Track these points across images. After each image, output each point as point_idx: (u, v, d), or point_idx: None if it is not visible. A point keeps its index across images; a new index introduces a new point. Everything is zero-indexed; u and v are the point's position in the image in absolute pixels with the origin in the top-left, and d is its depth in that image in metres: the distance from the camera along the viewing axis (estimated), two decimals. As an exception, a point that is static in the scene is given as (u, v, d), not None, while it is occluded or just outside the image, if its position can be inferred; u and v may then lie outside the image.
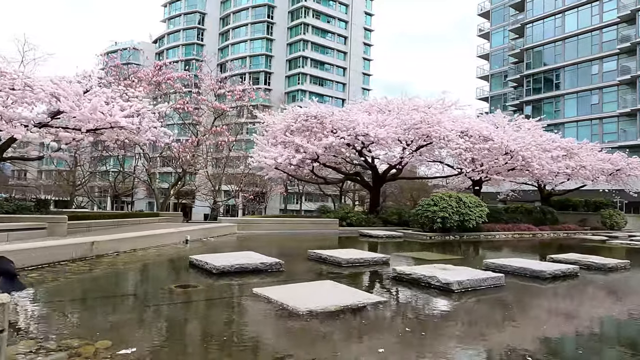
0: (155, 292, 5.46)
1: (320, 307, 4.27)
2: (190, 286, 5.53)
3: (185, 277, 6.35)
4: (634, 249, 14.71)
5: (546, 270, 6.97)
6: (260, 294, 4.82)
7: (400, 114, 18.01)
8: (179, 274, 6.93)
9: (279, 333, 3.79)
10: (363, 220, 18.72)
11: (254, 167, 17.57)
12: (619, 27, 38.72)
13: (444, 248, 12.74)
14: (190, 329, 3.88)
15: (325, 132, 16.55)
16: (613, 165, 25.39)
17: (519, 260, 8.04)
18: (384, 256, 8.16)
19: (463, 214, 15.85)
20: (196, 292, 5.25)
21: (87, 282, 5.83)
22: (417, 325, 4.13)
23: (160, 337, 3.54)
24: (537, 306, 5.35)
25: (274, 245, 11.68)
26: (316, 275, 6.74)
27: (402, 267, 6.46)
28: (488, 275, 6.08)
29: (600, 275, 7.79)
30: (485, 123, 20.43)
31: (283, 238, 13.42)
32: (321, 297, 4.74)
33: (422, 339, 3.71)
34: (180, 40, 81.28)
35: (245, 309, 4.65)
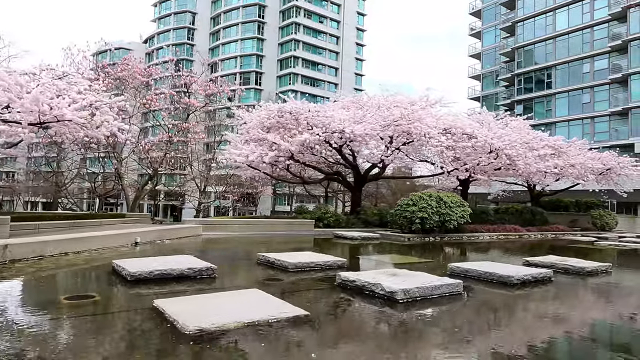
0: (37, 305, 4.58)
1: (216, 325, 3.47)
2: (86, 297, 4.71)
3: (91, 286, 5.56)
4: (622, 251, 14.01)
5: (514, 276, 6.21)
6: (159, 307, 4.02)
7: (380, 110, 17.25)
8: (89, 281, 6.11)
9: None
10: (342, 221, 17.95)
11: (225, 165, 16.73)
12: (610, 25, 38.18)
13: (419, 250, 11.99)
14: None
15: (300, 129, 15.77)
16: (603, 165, 24.73)
17: (487, 264, 7.28)
18: (339, 260, 7.38)
19: (443, 214, 15.10)
20: (84, 305, 4.42)
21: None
22: (322, 351, 3.34)
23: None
24: (491, 322, 4.57)
25: (232, 248, 10.88)
26: (251, 282, 5.96)
27: (347, 273, 5.68)
28: (443, 282, 5.30)
29: (577, 280, 7.04)
30: (469, 120, 19.71)
31: (249, 240, 12.61)
32: (230, 310, 3.94)
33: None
34: (170, 40, 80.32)
35: (121, 327, 3.83)
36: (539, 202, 30.60)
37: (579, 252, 13.79)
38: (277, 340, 3.39)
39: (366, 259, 8.73)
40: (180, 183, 41.94)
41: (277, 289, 5.42)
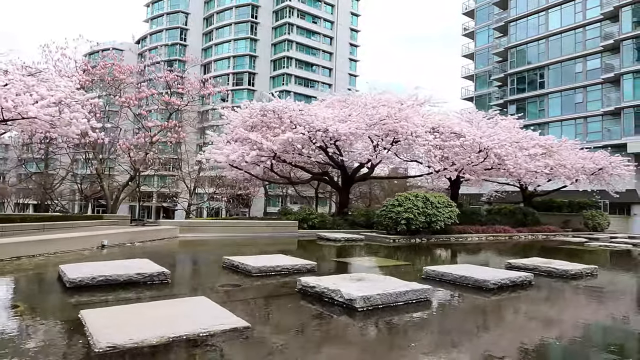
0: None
1: (135, 341, 3.05)
2: (9, 307, 4.27)
3: (24, 295, 5.10)
4: (611, 252, 13.67)
5: (490, 280, 5.81)
6: (84, 318, 3.58)
7: (366, 108, 16.86)
8: (24, 289, 5.64)
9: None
10: (329, 222, 17.54)
11: (211, 165, 16.29)
12: (602, 24, 38.00)
13: (401, 252, 11.60)
14: None
15: (283, 128, 15.36)
16: (595, 164, 24.43)
17: (464, 268, 6.88)
18: (309, 263, 6.97)
19: (430, 215, 14.71)
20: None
21: None
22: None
23: None
24: (454, 335, 4.16)
25: (203, 250, 10.45)
26: (205, 288, 5.53)
27: (309, 278, 5.26)
28: (410, 288, 4.89)
29: (560, 284, 6.65)
30: (458, 119, 19.36)
31: (226, 243, 12.18)
32: (161, 322, 3.52)
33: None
34: (163, 40, 79.78)
35: (29, 345, 3.40)
36: (532, 202, 30.28)
37: (567, 253, 13.45)
38: (197, 358, 2.96)
39: (341, 262, 8.31)
40: (169, 184, 41.40)
41: (229, 296, 5.01)
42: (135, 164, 16.80)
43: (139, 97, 17.36)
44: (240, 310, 4.25)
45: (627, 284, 7.44)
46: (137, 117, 16.22)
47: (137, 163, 16.62)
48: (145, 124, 16.66)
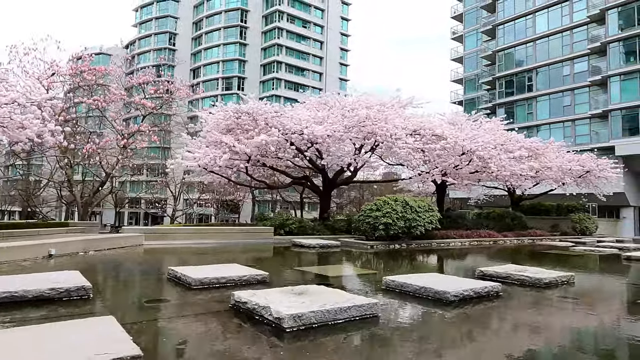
0: None
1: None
2: None
3: None
4: (595, 256, 13.21)
5: (450, 292, 5.26)
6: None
7: (344, 110, 16.36)
8: None
9: None
10: (308, 227, 16.94)
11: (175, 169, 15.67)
12: (589, 27, 37.93)
13: (374, 259, 11.07)
14: None
15: (258, 130, 14.80)
16: (582, 167, 24.07)
17: (428, 277, 6.34)
18: (260, 274, 6.39)
19: (409, 220, 14.18)
20: None
21: None
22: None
23: None
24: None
25: (159, 260, 9.85)
26: (128, 304, 4.94)
27: (243, 292, 4.69)
28: (354, 303, 4.33)
29: (530, 295, 6.13)
30: (440, 121, 18.91)
31: (192, 251, 11.59)
32: (36, 352, 2.94)
33: None
34: (151, 45, 79.13)
35: None
36: (521, 206, 29.86)
37: (550, 258, 12.98)
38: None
39: (302, 272, 7.74)
40: (153, 191, 40.67)
41: (149, 314, 4.41)
42: (106, 169, 16.15)
43: (111, 100, 16.74)
44: (147, 334, 3.68)
45: (603, 293, 6.93)
46: (107, 119, 15.62)
47: (109, 168, 15.97)
48: (116, 127, 16.01)
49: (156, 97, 19.98)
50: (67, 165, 15.80)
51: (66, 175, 16.16)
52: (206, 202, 56.22)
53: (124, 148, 16.34)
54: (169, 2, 79.38)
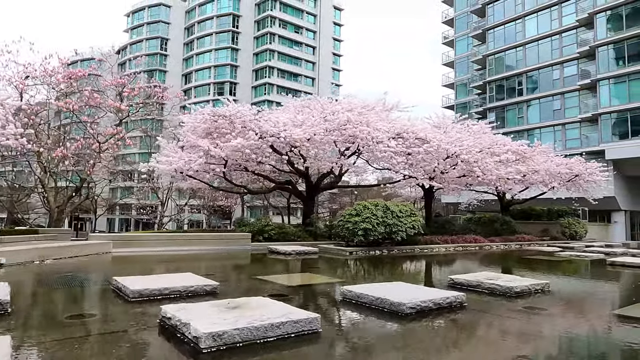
0: None
1: None
2: None
3: None
4: (580, 262, 12.85)
5: (407, 304, 4.84)
6: None
7: (325, 113, 15.99)
8: None
9: None
10: (290, 233, 16.48)
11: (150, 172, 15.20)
12: (578, 31, 37.88)
13: (347, 267, 10.67)
14: None
15: (235, 134, 14.38)
16: (570, 171, 23.78)
17: (388, 287, 5.93)
18: (209, 284, 5.95)
19: (390, 225, 13.77)
20: None
21: None
22: None
23: None
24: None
25: (117, 269, 9.37)
26: (48, 320, 4.48)
27: (170, 307, 4.24)
28: (290, 318, 3.90)
29: (497, 306, 5.72)
30: (425, 124, 18.57)
31: (161, 259, 11.12)
32: None
33: None
34: (143, 50, 78.66)
35: None
36: (511, 211, 29.55)
37: (533, 264, 12.60)
38: None
39: (261, 280, 7.29)
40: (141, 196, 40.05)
41: (59, 332, 3.96)
42: (81, 174, 15.63)
43: (88, 104, 16.28)
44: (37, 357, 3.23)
45: (577, 303, 6.51)
46: (83, 123, 15.16)
47: (83, 173, 15.45)
48: (89, 131, 15.53)
49: (143, 103, 19.56)
50: (42, 170, 15.30)
51: (40, 180, 15.63)
52: (197, 208, 55.64)
53: (99, 153, 15.87)
54: (161, 8, 79.11)
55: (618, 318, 5.11)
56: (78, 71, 15.80)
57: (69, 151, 14.36)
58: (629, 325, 4.97)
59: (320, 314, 4.83)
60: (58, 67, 15.60)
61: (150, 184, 32.19)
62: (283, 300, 5.80)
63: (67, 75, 15.83)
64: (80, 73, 16.00)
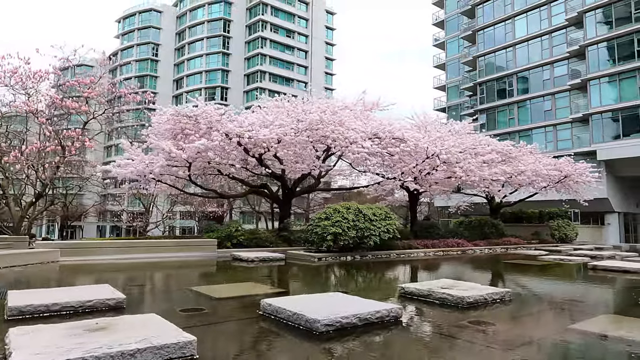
0: None
1: None
2: None
3: None
4: (561, 266, 12.12)
5: (321, 320, 4.10)
6: None
7: (297, 113, 15.29)
8: None
9: None
10: (262, 239, 15.70)
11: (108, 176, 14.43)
12: (568, 30, 37.34)
13: (304, 275, 9.97)
14: None
15: (199, 135, 13.65)
16: (559, 171, 23.06)
17: (314, 299, 5.20)
18: (113, 298, 5.20)
19: (362, 229, 13.03)
20: None
21: None
22: None
23: None
24: None
25: (43, 280, 8.60)
26: None
27: (15, 330, 3.49)
28: (149, 344, 3.15)
29: (442, 319, 4.98)
30: (404, 124, 17.87)
31: (105, 268, 10.37)
32: None
33: None
34: (134, 56, 78.15)
35: None
36: (503, 214, 28.82)
37: (509, 269, 11.90)
38: None
39: (194, 292, 6.53)
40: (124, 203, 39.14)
41: None
42: (41, 179, 14.87)
43: (56, 106, 15.56)
44: None
45: (533, 316, 5.71)
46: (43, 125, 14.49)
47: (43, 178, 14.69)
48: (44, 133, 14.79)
49: (120, 108, 19.00)
50: (5, 175, 14.53)
51: (1, 187, 14.90)
52: (189, 215, 54.77)
53: (63, 156, 15.12)
54: (152, 13, 78.65)
55: (572, 334, 4.36)
56: (39, 71, 15.10)
57: (24, 155, 13.63)
58: (578, 342, 4.23)
59: (219, 332, 4.11)
60: (16, 68, 14.92)
61: (119, 189, 31.26)
62: (197, 315, 5.08)
63: (22, 75, 15.08)
64: (41, 74, 15.29)
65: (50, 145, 14.20)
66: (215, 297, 6.01)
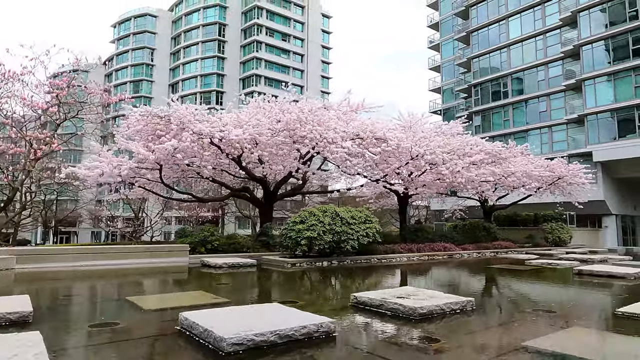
0: None
1: None
2: None
3: None
4: (545, 272, 11.51)
5: (227, 339, 3.51)
6: None
7: (271, 112, 14.75)
8: None
9: None
10: (240, 244, 15.12)
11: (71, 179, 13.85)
12: (562, 30, 36.83)
13: (268, 282, 9.38)
14: None
15: (169, 136, 13.09)
16: (552, 173, 22.43)
17: (232, 313, 4.61)
18: (16, 312, 4.62)
19: (339, 233, 12.42)
20: None
21: None
22: None
23: None
24: None
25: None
26: None
27: None
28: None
29: (387, 334, 4.38)
30: (389, 124, 17.29)
31: (60, 275, 9.78)
32: None
33: None
34: (130, 60, 77.85)
35: None
36: (497, 217, 28.24)
37: (489, 274, 11.31)
38: None
39: (125, 302, 5.94)
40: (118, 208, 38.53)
41: None
42: (11, 183, 14.31)
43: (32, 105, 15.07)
44: None
45: (490, 331, 5.08)
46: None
47: (16, 182, 14.15)
48: (10, 135, 14.24)
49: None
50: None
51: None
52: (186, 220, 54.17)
53: (36, 160, 14.59)
54: (147, 18, 78.44)
55: (521, 356, 3.74)
56: (8, 72, 14.60)
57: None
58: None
59: (115, 352, 3.53)
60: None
61: (114, 194, 30.64)
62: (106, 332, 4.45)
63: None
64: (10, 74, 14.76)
65: (14, 147, 13.67)
66: (144, 309, 5.42)
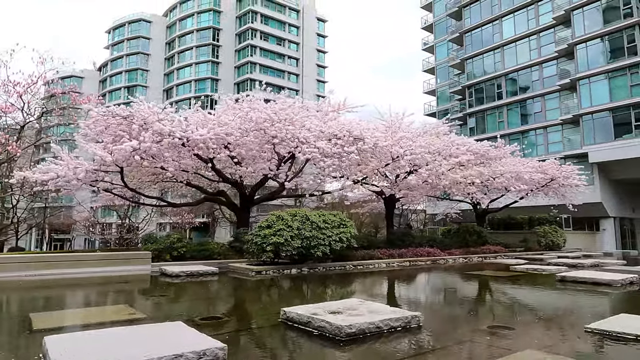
0: None
1: None
2: None
3: None
4: (528, 277, 10.71)
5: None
6: None
7: (241, 111, 14.01)
8: None
9: None
10: (211, 250, 14.32)
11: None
12: (556, 29, 36.09)
13: (214, 293, 8.67)
14: None
15: (129, 137, 12.35)
16: (544, 174, 21.61)
17: (99, 337, 3.82)
18: None
19: (308, 238, 11.64)
20: None
21: None
22: None
23: None
24: None
25: None
26: None
27: None
28: None
29: None
30: (368, 124, 16.50)
31: (26, 286, 9.05)
32: None
33: None
34: (124, 66, 77.36)
35: None
36: (491, 220, 27.42)
37: (465, 282, 10.54)
38: None
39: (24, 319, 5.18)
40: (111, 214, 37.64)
41: None
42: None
43: None
44: None
45: (424, 355, 4.32)
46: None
47: None
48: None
49: None
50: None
51: None
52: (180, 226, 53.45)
53: (9, 162, 13.87)
54: (141, 23, 78.01)
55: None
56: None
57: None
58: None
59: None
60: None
61: None
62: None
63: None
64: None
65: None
66: (32, 329, 4.64)
